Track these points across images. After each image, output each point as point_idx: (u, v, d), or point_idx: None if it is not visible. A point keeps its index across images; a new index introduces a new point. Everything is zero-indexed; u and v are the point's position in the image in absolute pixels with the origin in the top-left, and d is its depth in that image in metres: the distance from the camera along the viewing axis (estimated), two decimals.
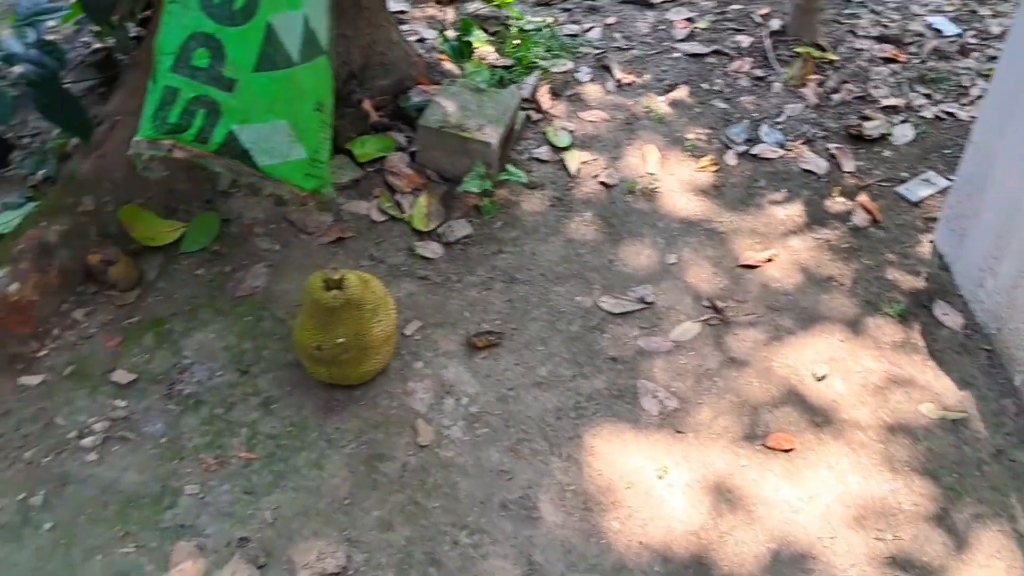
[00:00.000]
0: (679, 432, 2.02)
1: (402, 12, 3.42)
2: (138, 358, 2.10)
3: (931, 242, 2.50)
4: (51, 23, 2.54)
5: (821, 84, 3.07)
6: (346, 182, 2.58)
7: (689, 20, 3.42)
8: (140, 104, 2.47)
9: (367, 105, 2.77)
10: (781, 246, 2.50)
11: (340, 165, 2.61)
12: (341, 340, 1.92)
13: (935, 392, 2.13)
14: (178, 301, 2.23)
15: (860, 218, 2.59)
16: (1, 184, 2.56)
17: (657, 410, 2.05)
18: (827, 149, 2.82)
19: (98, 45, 2.92)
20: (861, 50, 3.25)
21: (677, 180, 2.71)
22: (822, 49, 3.19)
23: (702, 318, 2.27)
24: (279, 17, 1.84)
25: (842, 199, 2.65)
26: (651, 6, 3.53)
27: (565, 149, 2.79)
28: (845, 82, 3.08)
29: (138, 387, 2.04)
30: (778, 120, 2.93)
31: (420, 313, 2.25)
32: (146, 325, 2.17)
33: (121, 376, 2.05)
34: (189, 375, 2.07)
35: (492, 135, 2.57)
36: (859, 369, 2.18)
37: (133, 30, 2.74)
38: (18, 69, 2.24)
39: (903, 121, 2.94)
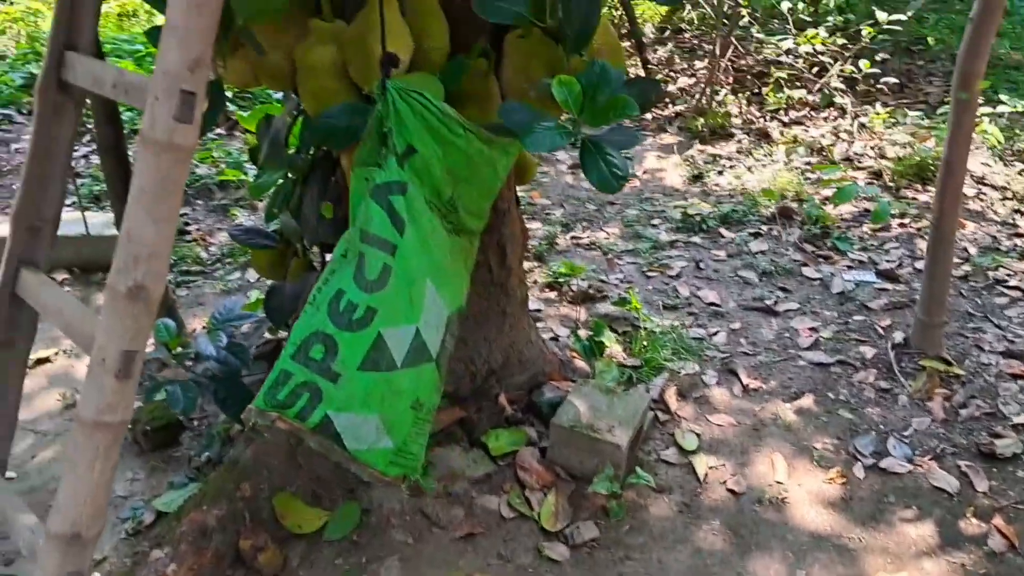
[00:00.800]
0: None
1: (538, 311, 3.70)
2: None
3: None
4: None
5: (948, 399, 3.10)
6: (479, 476, 2.71)
7: (813, 329, 3.56)
8: None
9: (503, 400, 2.96)
10: (915, 568, 2.44)
11: (475, 459, 2.76)
12: None
13: None
14: None
15: (997, 542, 2.51)
16: (169, 463, 2.82)
17: None
18: (958, 466, 2.80)
19: (270, 337, 3.26)
20: (988, 365, 3.28)
21: (805, 491, 2.73)
22: (948, 363, 3.24)
23: None
24: (390, 330, 2.05)
25: (976, 521, 2.60)
26: (775, 313, 3.71)
27: (693, 452, 2.88)
28: (973, 397, 3.10)
29: None
30: (905, 434, 2.95)
31: None
32: None
33: None
34: None
35: (622, 437, 2.69)
36: None
37: None
38: (204, 365, 2.54)
39: None
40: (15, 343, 2.06)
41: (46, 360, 3.41)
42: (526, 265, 4.04)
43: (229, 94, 6.25)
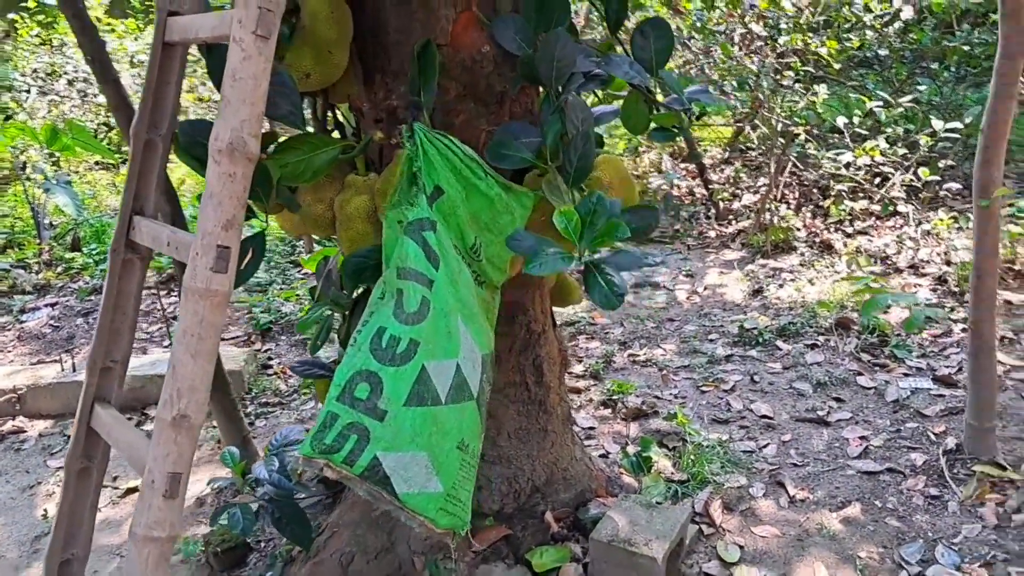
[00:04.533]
0: None
1: (591, 428, 3.83)
2: None
3: None
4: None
5: (1001, 504, 3.05)
6: None
7: (863, 438, 3.57)
8: (358, 515, 2.94)
9: (549, 517, 3.07)
10: None
11: (519, 575, 2.86)
12: None
13: None
14: None
15: None
16: None
17: None
18: (1008, 573, 2.75)
19: None
20: None
21: None
22: (1002, 468, 3.20)
23: None
24: (433, 363, 2.11)
25: None
26: (827, 424, 3.73)
27: (734, 564, 2.90)
28: None
29: None
30: (955, 541, 2.92)
31: None
32: None
33: None
34: None
35: (658, 550, 2.75)
36: None
37: None
38: (263, 489, 2.77)
39: None
40: (91, 472, 2.33)
41: (135, 490, 3.70)
42: (582, 384, 4.22)
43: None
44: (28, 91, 10.37)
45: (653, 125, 2.55)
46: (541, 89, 2.71)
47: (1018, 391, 3.82)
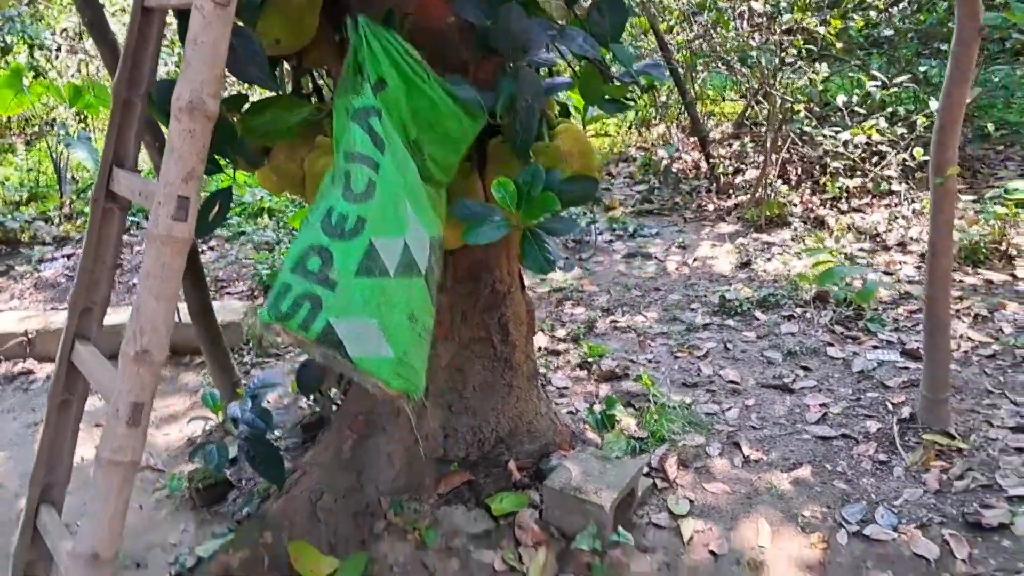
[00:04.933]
0: None
1: (565, 388, 3.99)
2: None
3: None
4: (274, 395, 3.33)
5: (945, 471, 3.18)
6: (479, 532, 2.98)
7: (823, 405, 3.70)
8: (329, 457, 3.12)
9: (512, 466, 3.24)
10: None
11: (476, 517, 3.04)
12: None
13: None
14: None
15: None
16: (216, 517, 3.22)
17: None
18: (942, 535, 2.88)
19: (317, 408, 3.67)
20: (994, 440, 3.34)
21: (785, 555, 2.87)
22: (951, 437, 3.32)
23: None
24: (381, 239, 2.21)
25: None
26: (791, 391, 3.87)
27: (682, 517, 3.07)
28: (971, 470, 3.17)
29: None
30: (895, 503, 3.05)
31: None
32: None
33: None
34: None
35: (607, 498, 2.92)
36: None
37: (338, 397, 3.47)
38: (240, 429, 2.96)
39: None
40: (71, 404, 2.53)
41: None
42: (562, 347, 4.36)
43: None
44: (59, 49, 10.60)
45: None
46: None
47: (982, 367, 3.93)
